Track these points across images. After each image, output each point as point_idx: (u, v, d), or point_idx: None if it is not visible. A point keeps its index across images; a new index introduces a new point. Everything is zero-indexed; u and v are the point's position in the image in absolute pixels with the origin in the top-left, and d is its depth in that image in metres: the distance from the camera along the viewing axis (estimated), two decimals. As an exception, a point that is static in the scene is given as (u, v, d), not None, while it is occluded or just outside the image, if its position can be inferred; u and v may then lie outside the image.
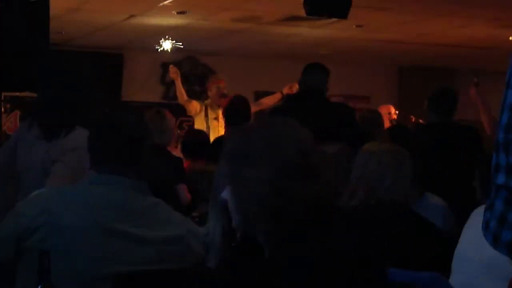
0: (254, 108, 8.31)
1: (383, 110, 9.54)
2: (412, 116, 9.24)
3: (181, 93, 9.45)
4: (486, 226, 1.49)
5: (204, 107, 9.24)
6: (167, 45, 10.84)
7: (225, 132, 7.36)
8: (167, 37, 10.77)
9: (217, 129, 8.95)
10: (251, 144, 2.11)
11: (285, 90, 9.17)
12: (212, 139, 8.19)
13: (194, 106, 9.28)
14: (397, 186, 3.68)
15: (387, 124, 8.91)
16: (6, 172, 4.24)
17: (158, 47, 10.72)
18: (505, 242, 1.45)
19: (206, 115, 9.19)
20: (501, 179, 1.45)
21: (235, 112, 6.96)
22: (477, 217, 3.26)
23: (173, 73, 9.59)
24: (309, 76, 6.14)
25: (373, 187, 3.66)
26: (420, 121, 8.31)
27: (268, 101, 9.47)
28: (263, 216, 2.06)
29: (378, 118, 7.50)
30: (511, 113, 1.45)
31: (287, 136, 2.11)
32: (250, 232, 2.14)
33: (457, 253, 3.37)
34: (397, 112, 9.74)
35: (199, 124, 9.23)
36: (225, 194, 2.16)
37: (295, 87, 8.75)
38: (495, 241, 1.47)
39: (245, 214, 2.11)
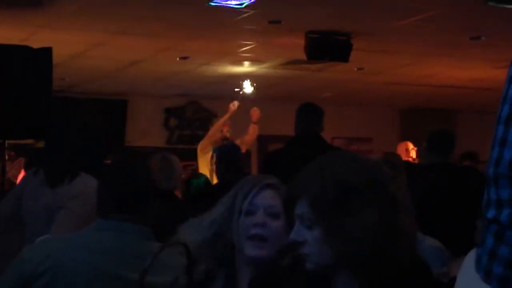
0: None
1: (401, 147, 9.52)
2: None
3: (218, 128, 9.53)
4: (478, 262, 1.52)
5: (211, 151, 9.30)
6: (248, 88, 10.92)
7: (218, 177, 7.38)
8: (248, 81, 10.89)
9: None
10: (341, 192, 1.98)
11: (254, 119, 9.50)
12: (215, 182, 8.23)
13: (209, 147, 9.34)
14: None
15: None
16: (11, 219, 4.26)
17: (239, 89, 10.81)
18: (496, 276, 1.47)
19: (212, 158, 9.24)
20: (491, 213, 1.48)
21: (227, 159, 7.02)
22: (468, 262, 3.23)
23: (233, 105, 9.78)
24: (301, 120, 6.12)
25: None
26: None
27: (249, 138, 9.71)
28: (363, 260, 1.98)
29: (398, 161, 7.47)
30: (501, 147, 1.48)
31: (366, 171, 2.01)
32: (330, 274, 2.04)
33: None
34: (415, 148, 9.61)
35: (203, 166, 9.24)
36: (295, 236, 2.05)
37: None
38: (487, 276, 1.49)
39: (341, 257, 2.00)
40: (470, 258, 3.19)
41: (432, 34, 8.93)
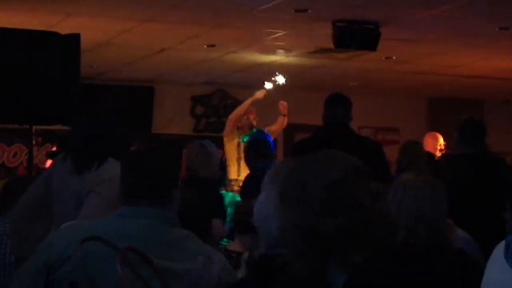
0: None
1: (428, 137, 9.37)
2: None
3: (240, 112, 9.45)
4: (507, 249, 1.51)
5: (237, 138, 9.26)
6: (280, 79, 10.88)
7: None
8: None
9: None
10: (282, 188, 2.14)
11: (283, 111, 9.41)
12: (242, 170, 8.24)
13: (233, 133, 9.28)
14: (435, 221, 3.57)
15: (434, 151, 8.72)
16: (40, 204, 4.29)
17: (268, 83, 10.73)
18: None
19: (238, 145, 9.20)
20: None
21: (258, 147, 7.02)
22: (499, 252, 3.21)
23: (261, 93, 9.79)
24: (329, 110, 6.11)
25: (413, 224, 3.50)
26: (449, 151, 8.25)
27: (276, 128, 9.59)
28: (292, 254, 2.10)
29: (420, 149, 7.43)
30: None
31: (311, 176, 2.10)
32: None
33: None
34: (444, 142, 9.47)
35: (230, 152, 9.19)
36: None
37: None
38: None
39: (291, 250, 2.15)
40: (499, 249, 3.18)
41: (461, 24, 8.87)
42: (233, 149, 9.15)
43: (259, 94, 9.75)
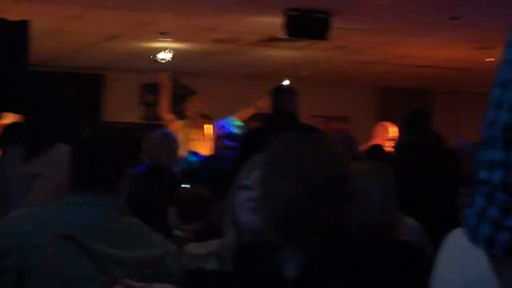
0: None
1: (380, 127, 9.33)
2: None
3: (165, 107, 9.49)
4: (466, 222, 1.53)
5: (185, 128, 9.26)
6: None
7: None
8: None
9: (198, 150, 8.95)
10: (288, 156, 2.18)
11: (259, 104, 9.24)
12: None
13: (175, 126, 9.31)
14: (387, 208, 3.59)
15: (383, 142, 8.63)
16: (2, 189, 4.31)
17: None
18: (483, 236, 1.49)
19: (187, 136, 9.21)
20: (483, 174, 1.49)
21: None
22: (451, 240, 3.24)
23: (164, 79, 9.78)
24: (275, 100, 6.19)
25: (362, 214, 3.52)
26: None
27: (241, 116, 9.54)
28: (280, 228, 2.12)
29: (350, 139, 7.49)
30: (496, 110, 1.49)
31: (319, 158, 2.15)
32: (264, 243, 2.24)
33: (435, 277, 3.29)
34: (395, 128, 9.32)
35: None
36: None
37: (267, 101, 9.05)
38: (474, 236, 1.50)
39: (269, 222, 2.16)
40: (450, 237, 3.20)
41: (411, 13, 8.93)
42: (182, 141, 9.18)
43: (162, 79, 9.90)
